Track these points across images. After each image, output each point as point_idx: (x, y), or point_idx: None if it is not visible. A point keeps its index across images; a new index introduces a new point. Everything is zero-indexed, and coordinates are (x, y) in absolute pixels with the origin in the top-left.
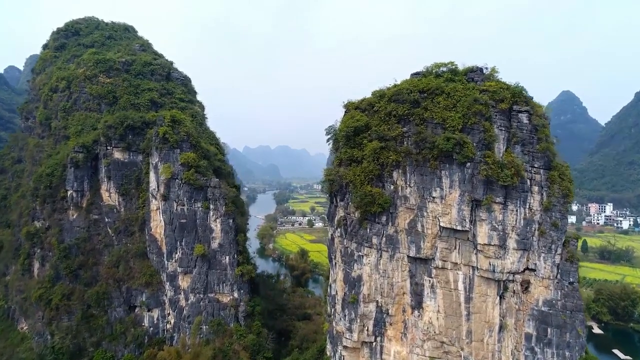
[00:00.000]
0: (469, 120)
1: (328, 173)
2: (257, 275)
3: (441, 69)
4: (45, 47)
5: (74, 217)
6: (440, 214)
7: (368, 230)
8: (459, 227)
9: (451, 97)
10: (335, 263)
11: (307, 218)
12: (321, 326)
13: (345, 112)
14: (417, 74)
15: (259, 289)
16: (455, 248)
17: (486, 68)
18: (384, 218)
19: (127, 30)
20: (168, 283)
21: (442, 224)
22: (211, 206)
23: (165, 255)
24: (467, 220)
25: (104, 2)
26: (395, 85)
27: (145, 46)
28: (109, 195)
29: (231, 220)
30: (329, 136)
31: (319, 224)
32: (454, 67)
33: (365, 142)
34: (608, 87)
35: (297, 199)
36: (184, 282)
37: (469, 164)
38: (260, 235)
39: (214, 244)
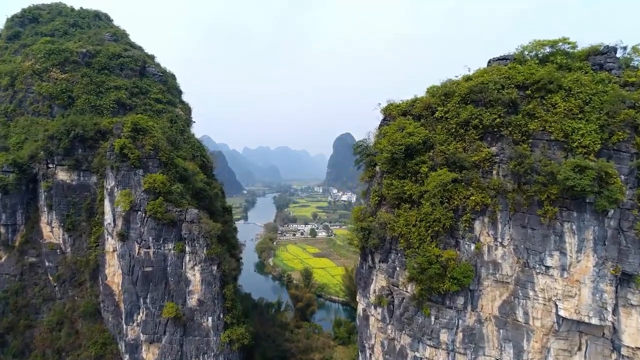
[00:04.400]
0: (613, 135)
1: (360, 216)
2: (255, 304)
3: (546, 49)
4: None
5: (3, 260)
6: (559, 296)
7: (433, 318)
8: (593, 320)
9: (574, 95)
10: (370, 355)
11: (309, 227)
12: None
13: (383, 119)
14: (503, 59)
15: (255, 351)
16: (579, 350)
17: (622, 48)
18: (460, 300)
19: (98, 18)
20: (128, 355)
21: (562, 313)
22: (187, 248)
23: (123, 317)
24: (609, 307)
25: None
26: (468, 78)
27: (119, 36)
28: (51, 230)
29: (215, 267)
30: (359, 157)
31: (322, 234)
32: (570, 45)
33: (424, 169)
34: None
35: (298, 203)
36: (149, 355)
37: (612, 211)
38: (259, 249)
39: (192, 301)
